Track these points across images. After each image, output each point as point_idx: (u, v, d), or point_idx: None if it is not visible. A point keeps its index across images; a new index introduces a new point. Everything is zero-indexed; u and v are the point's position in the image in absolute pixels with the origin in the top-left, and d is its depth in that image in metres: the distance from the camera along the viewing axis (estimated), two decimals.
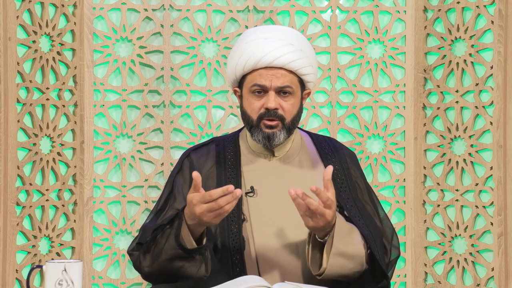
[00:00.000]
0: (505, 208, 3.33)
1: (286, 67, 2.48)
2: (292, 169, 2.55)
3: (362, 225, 2.48)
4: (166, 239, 2.37)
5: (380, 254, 2.48)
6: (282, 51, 2.48)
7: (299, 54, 2.49)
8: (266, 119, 2.49)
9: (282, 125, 2.49)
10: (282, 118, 2.49)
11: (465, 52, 3.44)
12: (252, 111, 2.50)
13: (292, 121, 2.51)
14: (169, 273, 2.40)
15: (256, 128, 2.50)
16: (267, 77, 2.48)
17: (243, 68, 2.50)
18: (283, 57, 2.47)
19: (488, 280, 3.39)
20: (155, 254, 2.41)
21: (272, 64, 2.47)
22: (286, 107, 2.49)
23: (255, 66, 2.48)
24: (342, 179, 2.57)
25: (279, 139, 2.50)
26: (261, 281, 2.25)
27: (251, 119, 2.51)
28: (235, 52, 2.53)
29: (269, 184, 2.52)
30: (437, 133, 3.50)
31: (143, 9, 3.48)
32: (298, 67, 2.49)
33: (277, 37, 2.50)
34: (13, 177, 3.19)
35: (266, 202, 2.50)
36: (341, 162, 2.60)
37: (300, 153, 2.59)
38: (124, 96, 3.47)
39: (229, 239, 2.45)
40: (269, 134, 2.49)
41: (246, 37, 2.53)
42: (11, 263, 3.19)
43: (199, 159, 2.58)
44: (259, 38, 2.50)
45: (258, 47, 2.48)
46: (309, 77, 2.53)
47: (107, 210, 3.45)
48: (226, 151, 2.58)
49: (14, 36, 3.20)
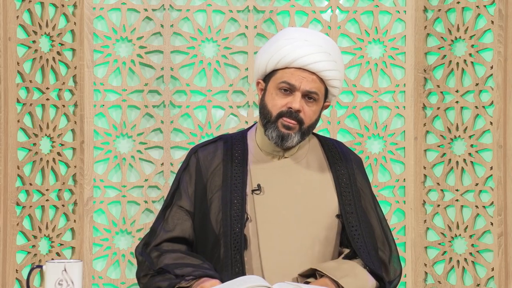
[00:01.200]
0: (505, 208, 3.33)
1: (318, 74, 2.49)
2: (300, 169, 2.56)
3: (358, 235, 2.49)
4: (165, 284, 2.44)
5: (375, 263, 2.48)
6: (320, 58, 2.48)
7: (333, 65, 2.50)
8: (285, 118, 2.48)
9: (299, 128, 2.50)
10: (301, 121, 2.49)
11: (465, 52, 3.44)
12: (274, 106, 2.50)
13: (309, 127, 2.52)
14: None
15: (272, 125, 2.50)
16: (298, 78, 2.48)
17: (277, 63, 2.49)
18: (319, 64, 2.47)
19: (488, 280, 3.39)
20: (150, 283, 2.48)
21: (307, 67, 2.47)
22: (307, 112, 2.50)
23: (290, 64, 2.48)
24: (346, 184, 2.57)
25: (292, 141, 2.51)
26: (261, 281, 2.25)
27: (270, 114, 2.50)
28: (272, 46, 2.52)
29: (276, 183, 2.53)
30: (437, 133, 3.50)
31: (143, 9, 3.48)
32: (330, 77, 2.50)
33: (317, 43, 2.50)
34: (13, 177, 3.19)
35: (272, 201, 2.51)
36: (347, 168, 2.60)
37: (308, 154, 2.59)
38: (124, 96, 3.47)
39: (231, 238, 2.46)
40: (284, 134, 2.49)
41: (288, 34, 2.53)
42: (11, 263, 3.19)
43: (206, 157, 2.58)
44: (300, 39, 2.50)
45: (299, 47, 2.48)
46: (334, 90, 2.55)
47: (107, 210, 3.45)
48: (234, 149, 2.58)
49: (14, 36, 3.20)
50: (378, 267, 2.48)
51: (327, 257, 2.51)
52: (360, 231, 2.51)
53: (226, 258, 2.45)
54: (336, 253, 2.54)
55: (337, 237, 2.53)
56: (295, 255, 2.47)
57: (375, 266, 2.46)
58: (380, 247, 2.56)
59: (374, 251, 2.51)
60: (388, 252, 2.57)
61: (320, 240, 2.50)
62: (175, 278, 2.41)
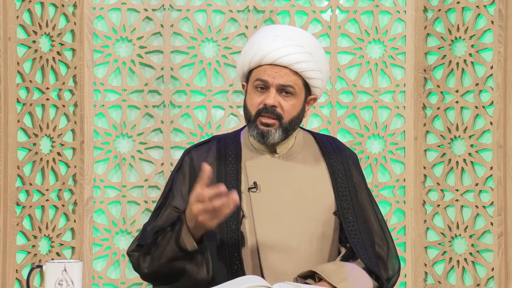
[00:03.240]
0: (505, 208, 3.33)
1: (291, 67, 2.47)
2: (295, 165, 2.55)
3: (355, 231, 2.49)
4: (167, 241, 2.37)
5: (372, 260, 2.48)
6: (289, 51, 2.47)
7: (307, 57, 2.49)
8: (263, 116, 2.48)
9: (279, 124, 2.49)
10: (279, 116, 2.48)
11: (465, 52, 3.44)
12: (252, 106, 2.50)
13: (290, 122, 2.50)
14: (170, 274, 2.40)
15: (252, 124, 2.50)
16: (270, 74, 2.47)
17: (250, 62, 2.50)
18: (288, 57, 2.47)
19: (488, 280, 3.39)
20: (155, 256, 2.41)
21: (277, 62, 2.47)
22: (285, 106, 2.49)
23: (260, 61, 2.48)
24: (342, 179, 2.57)
25: (273, 138, 2.50)
26: (261, 281, 2.25)
27: (250, 114, 2.51)
28: (246, 46, 2.54)
29: (271, 180, 2.52)
30: (437, 133, 3.50)
31: (143, 9, 3.48)
32: (304, 69, 2.48)
33: (288, 37, 2.50)
34: (13, 177, 3.20)
35: (268, 198, 2.50)
36: (343, 163, 2.60)
37: (303, 150, 2.59)
38: (124, 96, 3.47)
39: (228, 235, 2.45)
40: (264, 131, 2.49)
41: (259, 33, 2.54)
42: (11, 263, 3.19)
43: (200, 156, 2.58)
44: (270, 35, 2.50)
45: (267, 43, 2.48)
46: (315, 82, 2.52)
47: (107, 210, 3.45)
48: (227, 147, 2.58)
49: (14, 36, 3.20)
50: (375, 264, 2.47)
51: (324, 253, 2.50)
52: (357, 227, 2.50)
53: (224, 255, 2.45)
54: (334, 249, 2.53)
55: (335, 232, 2.53)
56: (292, 252, 2.47)
57: (372, 263, 2.46)
58: (378, 243, 2.56)
59: (371, 247, 2.51)
60: (386, 248, 2.57)
61: (317, 237, 2.49)
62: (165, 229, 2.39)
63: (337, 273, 2.40)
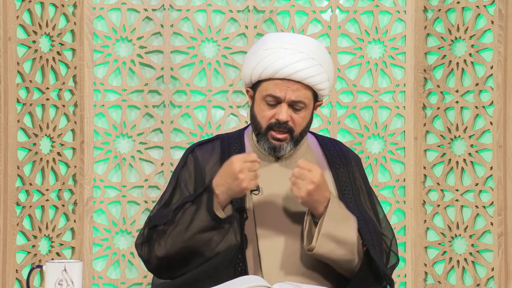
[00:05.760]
0: (505, 208, 3.33)
1: (303, 82, 2.47)
2: None
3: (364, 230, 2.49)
4: (192, 214, 2.38)
5: (380, 258, 2.48)
6: (302, 66, 2.45)
7: (318, 69, 2.48)
8: (275, 130, 2.48)
9: (290, 137, 2.49)
10: (291, 130, 2.48)
11: (465, 52, 3.44)
12: (262, 118, 2.49)
13: (301, 133, 2.51)
14: (187, 254, 2.40)
15: (263, 137, 2.50)
16: (282, 89, 2.46)
17: (260, 75, 2.47)
18: (302, 72, 2.45)
19: (488, 280, 3.39)
20: (174, 234, 2.40)
21: (290, 77, 2.45)
22: (296, 120, 2.49)
23: (273, 75, 2.46)
24: (346, 182, 2.57)
25: (285, 151, 2.51)
26: (261, 281, 2.25)
27: (260, 126, 2.50)
28: (252, 57, 2.50)
29: (274, 182, 2.52)
30: (437, 133, 3.50)
31: (143, 9, 3.48)
32: (316, 82, 2.48)
33: (298, 49, 2.47)
34: (13, 177, 3.20)
35: (271, 201, 2.51)
36: (346, 166, 2.60)
37: (306, 154, 2.59)
38: (124, 96, 3.47)
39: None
40: (276, 145, 2.50)
41: (266, 44, 2.50)
42: (11, 263, 3.19)
43: (204, 155, 2.58)
44: (279, 48, 2.47)
45: (279, 57, 2.45)
46: (324, 91, 2.53)
47: (107, 210, 3.45)
48: (231, 148, 2.58)
49: (14, 36, 3.20)
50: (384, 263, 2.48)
51: None
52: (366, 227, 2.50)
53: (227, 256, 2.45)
54: None
55: None
56: (294, 255, 2.47)
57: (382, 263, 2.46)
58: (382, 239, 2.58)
59: (378, 246, 2.51)
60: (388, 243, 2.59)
61: None
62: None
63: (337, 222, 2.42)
